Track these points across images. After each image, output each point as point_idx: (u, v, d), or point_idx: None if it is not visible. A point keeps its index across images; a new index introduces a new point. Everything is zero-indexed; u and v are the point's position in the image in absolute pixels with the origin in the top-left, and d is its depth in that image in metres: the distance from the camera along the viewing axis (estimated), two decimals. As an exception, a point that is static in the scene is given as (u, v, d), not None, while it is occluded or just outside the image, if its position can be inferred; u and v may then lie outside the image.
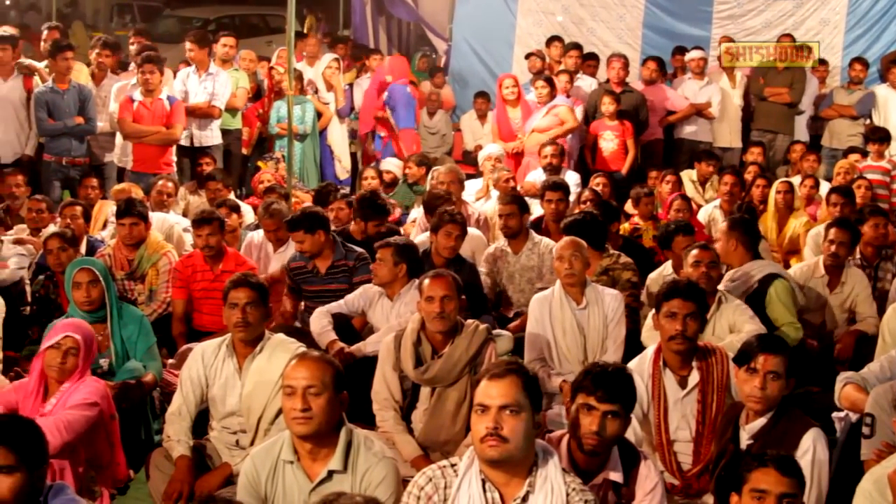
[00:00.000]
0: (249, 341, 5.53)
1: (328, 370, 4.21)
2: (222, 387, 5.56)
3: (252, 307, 5.49)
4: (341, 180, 12.49)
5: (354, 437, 4.27)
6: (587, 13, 14.85)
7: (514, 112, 12.21)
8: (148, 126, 10.48)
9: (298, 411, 4.11)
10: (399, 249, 6.92)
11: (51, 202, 9.42)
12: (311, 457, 4.23)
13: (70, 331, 5.32)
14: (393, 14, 17.39)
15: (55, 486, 3.87)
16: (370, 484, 4.18)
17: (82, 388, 5.30)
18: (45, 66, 11.21)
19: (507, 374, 3.79)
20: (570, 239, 6.82)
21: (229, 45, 11.91)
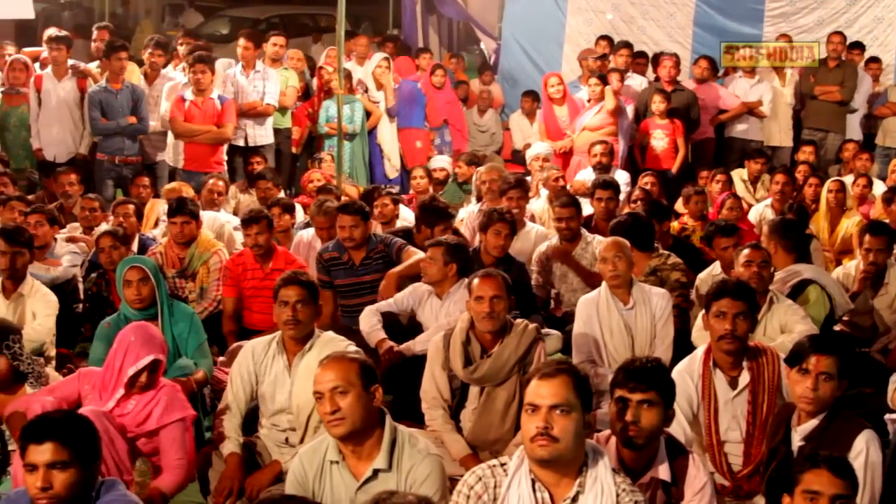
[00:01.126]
0: (299, 339, 5.55)
1: (352, 367, 4.23)
2: (272, 384, 5.58)
3: (302, 305, 5.51)
4: (391, 179, 12.50)
5: (399, 435, 4.28)
6: (637, 11, 14.77)
7: (560, 110, 12.17)
8: (199, 125, 10.55)
9: (329, 414, 4.14)
10: (450, 249, 6.94)
11: (103, 201, 9.50)
12: (355, 456, 4.25)
13: (152, 352, 5.30)
14: (442, 13, 17.39)
15: (107, 481, 3.91)
16: (415, 481, 4.18)
17: (170, 404, 5.30)
18: (97, 66, 11.33)
19: (558, 373, 3.78)
20: (613, 240, 6.80)
21: (279, 45, 11.97)
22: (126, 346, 5.31)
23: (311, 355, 5.49)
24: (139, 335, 5.37)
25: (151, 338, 5.37)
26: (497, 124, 14.09)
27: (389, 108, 12.57)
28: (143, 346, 5.28)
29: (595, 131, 11.44)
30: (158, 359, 5.31)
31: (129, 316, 6.30)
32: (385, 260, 7.73)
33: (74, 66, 11.03)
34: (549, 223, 9.57)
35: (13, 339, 5.60)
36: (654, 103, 11.75)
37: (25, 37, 14.10)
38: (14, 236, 6.98)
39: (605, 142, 10.84)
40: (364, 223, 7.69)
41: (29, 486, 3.74)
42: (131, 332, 5.42)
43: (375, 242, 7.77)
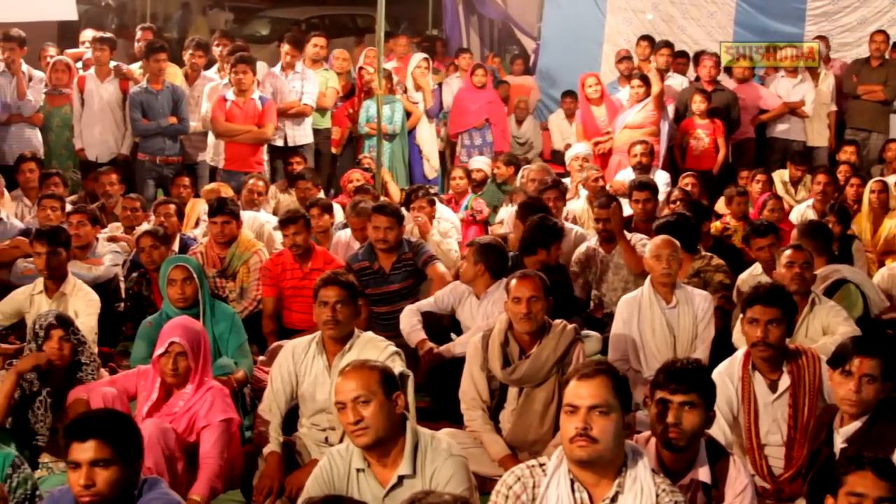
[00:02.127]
0: (339, 339, 5.57)
1: (373, 376, 4.22)
2: (312, 384, 5.59)
3: (342, 305, 5.53)
4: (430, 179, 12.51)
5: (421, 439, 4.29)
6: (677, 11, 14.69)
7: (598, 111, 12.15)
8: (240, 125, 10.60)
9: (352, 424, 4.15)
10: (479, 249, 6.98)
11: (144, 201, 9.57)
12: (380, 463, 4.26)
13: (176, 335, 5.29)
14: (483, 14, 17.39)
15: (149, 479, 3.93)
16: (438, 483, 4.18)
17: (216, 404, 5.29)
18: (139, 67, 11.41)
19: (597, 374, 3.76)
20: (667, 238, 6.77)
21: (320, 46, 12.02)
22: (163, 338, 5.37)
23: (351, 355, 5.50)
24: (170, 324, 5.45)
25: (184, 328, 5.39)
26: (535, 131, 14.08)
27: (428, 109, 12.58)
28: (170, 333, 5.32)
29: (636, 130, 11.39)
30: (179, 343, 5.27)
31: (171, 315, 6.34)
32: (412, 268, 7.75)
33: (117, 68, 11.11)
34: (589, 223, 9.56)
35: (76, 329, 5.80)
36: (695, 103, 11.69)
37: (68, 38, 14.25)
38: (48, 236, 7.03)
39: (646, 142, 10.80)
40: (398, 226, 7.74)
41: (72, 484, 3.77)
42: (170, 324, 5.49)
43: (405, 248, 7.79)
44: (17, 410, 5.50)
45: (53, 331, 5.71)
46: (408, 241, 7.91)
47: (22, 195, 9.97)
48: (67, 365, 5.74)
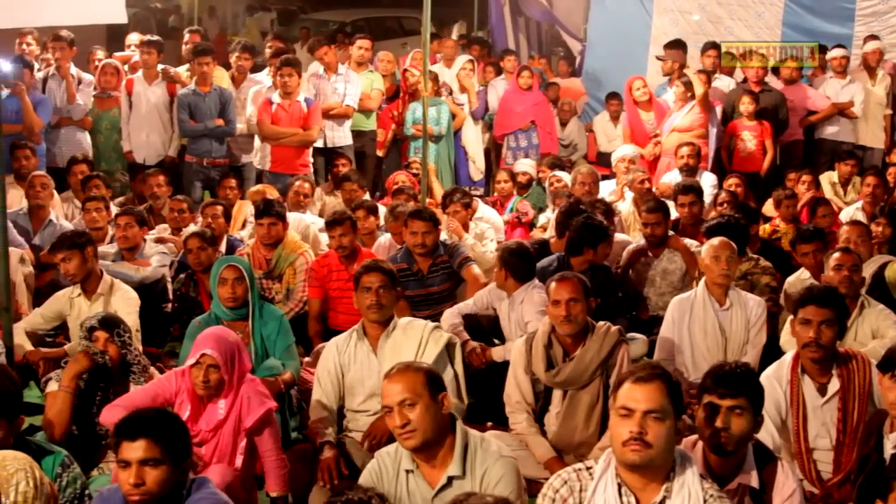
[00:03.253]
0: (381, 323, 5.67)
1: (418, 378, 4.23)
2: (359, 370, 5.67)
3: (384, 290, 5.67)
4: (475, 181, 12.52)
5: (471, 440, 4.29)
6: (725, 11, 14.57)
7: (646, 114, 12.09)
8: (285, 128, 10.65)
9: (399, 428, 4.15)
10: (501, 254, 7.05)
11: (192, 202, 9.64)
12: (429, 464, 4.26)
13: (209, 346, 5.17)
14: (529, 15, 17.37)
15: (197, 479, 3.96)
16: (489, 484, 4.18)
17: (252, 401, 5.22)
18: (187, 70, 11.49)
19: (653, 378, 3.73)
20: (726, 240, 6.75)
21: (365, 48, 12.07)
22: (196, 348, 5.30)
23: (395, 335, 5.65)
24: (204, 334, 5.37)
25: (216, 339, 5.27)
26: (580, 133, 14.02)
27: (474, 111, 12.57)
28: (202, 345, 5.24)
29: (684, 133, 11.33)
30: (211, 355, 5.15)
31: (220, 315, 6.39)
32: (449, 270, 7.76)
33: (164, 71, 11.20)
34: (635, 226, 9.52)
35: (122, 329, 5.79)
36: (743, 104, 11.60)
37: (115, 41, 14.38)
38: (59, 245, 7.08)
39: (692, 143, 10.74)
40: (435, 230, 7.79)
41: (122, 482, 3.80)
42: (204, 335, 5.39)
43: (441, 250, 7.81)
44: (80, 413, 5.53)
45: (97, 333, 5.73)
46: (444, 243, 7.94)
47: (72, 197, 10.09)
48: (119, 365, 5.76)
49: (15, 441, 4.26)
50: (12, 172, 9.56)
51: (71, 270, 7.00)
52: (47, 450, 4.38)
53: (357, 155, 11.71)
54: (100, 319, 5.81)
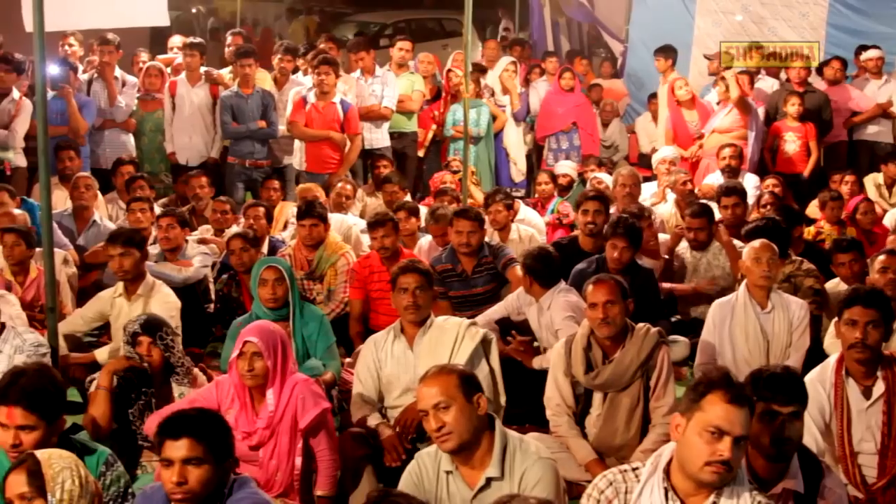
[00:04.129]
0: (418, 322, 5.72)
1: (451, 380, 4.21)
2: (395, 365, 5.71)
3: (420, 290, 5.71)
4: (516, 183, 12.51)
5: (509, 441, 4.27)
6: (768, 12, 14.45)
7: (690, 115, 12.05)
8: (319, 129, 10.68)
9: (435, 431, 4.14)
10: (525, 259, 7.06)
11: (234, 203, 9.70)
12: (468, 465, 4.25)
13: (250, 335, 5.16)
14: (570, 16, 17.33)
15: (239, 479, 3.98)
16: (527, 486, 4.17)
17: (307, 400, 5.19)
18: (230, 72, 11.56)
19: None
20: (767, 242, 6.71)
21: (405, 49, 12.08)
22: (238, 340, 5.28)
23: (432, 332, 5.68)
24: (246, 328, 5.35)
25: (258, 329, 5.26)
26: (622, 135, 13.99)
27: (515, 112, 12.56)
28: (244, 335, 5.22)
29: (725, 134, 11.27)
30: (252, 341, 5.11)
31: (261, 316, 6.41)
32: (493, 271, 7.76)
33: (207, 73, 11.28)
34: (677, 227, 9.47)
35: (165, 332, 5.78)
36: (789, 105, 11.51)
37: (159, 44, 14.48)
38: (122, 238, 7.12)
39: (734, 145, 10.69)
40: (480, 230, 7.78)
41: (164, 481, 3.82)
42: (245, 327, 5.39)
43: (486, 251, 7.80)
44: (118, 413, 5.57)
45: (140, 337, 5.74)
46: (488, 244, 7.93)
47: (117, 198, 10.19)
48: (163, 367, 5.79)
49: (59, 440, 4.30)
50: (57, 174, 9.65)
51: (125, 266, 7.01)
52: (91, 448, 4.41)
53: (398, 156, 11.73)
54: (142, 324, 5.80)
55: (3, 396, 4.24)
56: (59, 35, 11.40)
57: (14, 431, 4.21)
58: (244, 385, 5.16)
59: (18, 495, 3.72)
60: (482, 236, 7.81)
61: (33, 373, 4.34)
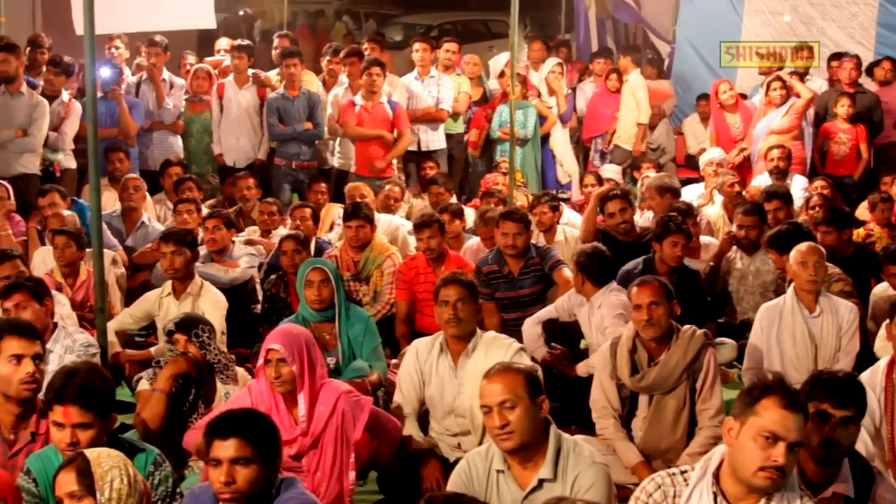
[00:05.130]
0: (461, 337, 5.61)
1: (519, 380, 4.18)
2: (439, 385, 5.66)
3: (463, 304, 5.58)
4: (563, 184, 12.47)
5: (563, 444, 4.24)
6: (817, 12, 14.30)
7: (733, 118, 11.96)
8: (369, 129, 10.69)
9: (497, 429, 4.11)
10: (578, 256, 7.03)
11: (281, 205, 9.74)
12: (521, 466, 4.22)
13: (272, 342, 5.14)
14: (616, 17, 17.26)
15: (286, 479, 3.99)
16: (579, 489, 4.14)
17: (357, 413, 5.19)
18: (277, 74, 11.62)
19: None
20: (814, 245, 6.67)
21: (452, 51, 12.07)
22: (262, 348, 5.27)
23: (477, 355, 5.56)
24: (276, 332, 5.31)
25: (281, 334, 5.24)
26: (668, 137, 13.92)
27: (562, 114, 12.52)
28: (267, 342, 5.20)
29: (783, 135, 11.18)
30: (274, 348, 5.09)
31: (307, 317, 6.46)
32: (540, 273, 7.74)
33: (255, 75, 11.35)
34: (724, 229, 9.42)
35: (202, 329, 5.76)
36: (839, 106, 11.40)
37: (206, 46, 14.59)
38: (174, 238, 7.20)
39: (783, 146, 10.60)
40: (527, 231, 7.75)
41: (213, 481, 3.85)
42: (270, 333, 5.36)
43: (533, 253, 7.78)
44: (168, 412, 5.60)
45: (176, 336, 5.75)
46: (535, 245, 7.91)
47: (165, 199, 10.27)
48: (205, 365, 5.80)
49: (108, 439, 4.34)
50: (106, 175, 9.75)
51: (176, 265, 7.12)
52: (140, 448, 4.44)
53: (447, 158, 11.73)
54: (177, 322, 5.81)
55: (58, 396, 4.27)
56: (106, 38, 11.51)
57: (70, 430, 4.24)
58: (275, 392, 5.18)
59: (68, 494, 3.76)
60: (528, 238, 7.79)
61: (85, 371, 4.38)
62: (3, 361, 4.74)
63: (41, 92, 10.09)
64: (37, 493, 4.30)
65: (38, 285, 6.12)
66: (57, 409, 4.27)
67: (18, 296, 5.92)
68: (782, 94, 11.31)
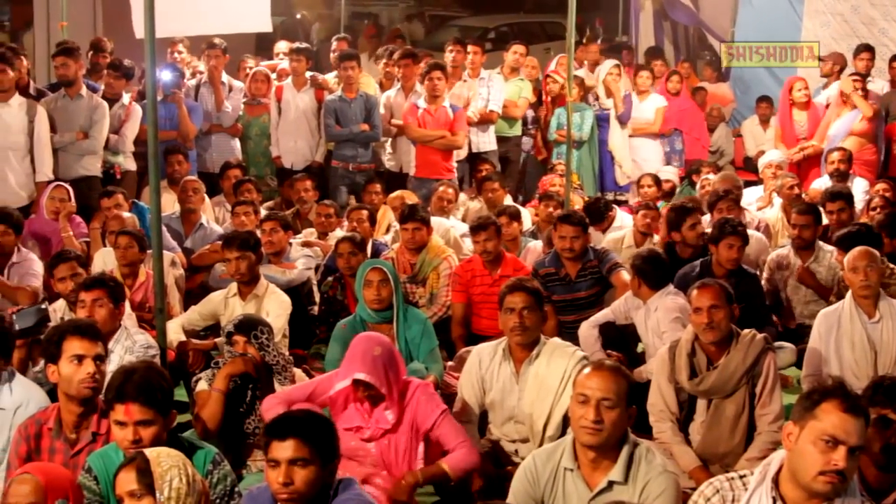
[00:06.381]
0: (526, 345, 5.58)
1: (622, 383, 4.17)
2: (500, 391, 5.63)
3: (528, 311, 5.54)
4: (621, 186, 12.41)
5: (637, 449, 4.22)
6: (878, 13, 14.16)
7: (800, 115, 11.87)
8: (433, 131, 10.69)
9: (590, 422, 4.08)
10: (634, 260, 7.00)
11: (338, 207, 9.78)
12: (592, 465, 4.20)
13: (360, 370, 5.11)
14: (675, 19, 17.17)
15: (344, 480, 4.00)
16: (649, 496, 4.12)
17: (429, 403, 5.22)
18: (334, 77, 11.67)
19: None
20: (865, 249, 6.54)
21: (520, 53, 12.07)
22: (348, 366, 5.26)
23: (540, 363, 5.54)
24: (356, 354, 5.25)
25: (364, 356, 5.18)
26: (728, 139, 13.83)
27: (620, 115, 12.46)
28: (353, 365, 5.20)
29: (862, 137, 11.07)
30: (361, 379, 5.10)
31: (365, 318, 6.49)
32: (598, 275, 7.70)
33: (313, 77, 11.40)
34: (783, 232, 9.34)
35: (261, 330, 5.80)
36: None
37: (264, 49, 14.70)
38: (239, 242, 7.25)
39: (843, 149, 10.50)
40: (584, 234, 7.71)
41: (271, 481, 3.87)
42: (354, 350, 5.29)
43: (591, 255, 7.75)
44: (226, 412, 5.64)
45: (235, 336, 5.79)
46: (593, 248, 7.88)
47: (223, 201, 10.35)
48: (263, 366, 5.84)
49: (168, 437, 4.38)
50: (166, 177, 9.84)
51: (241, 269, 7.19)
52: (198, 446, 4.47)
53: (501, 160, 11.71)
54: (236, 324, 5.85)
55: (119, 394, 4.32)
56: (168, 42, 11.62)
57: (133, 427, 4.29)
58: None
59: (128, 492, 3.80)
60: (586, 241, 7.76)
61: (144, 370, 4.43)
62: (65, 361, 4.81)
63: (102, 95, 10.21)
64: (98, 492, 4.36)
65: (118, 288, 6.21)
66: (118, 408, 4.32)
67: (100, 292, 6.02)
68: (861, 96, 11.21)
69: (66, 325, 5.05)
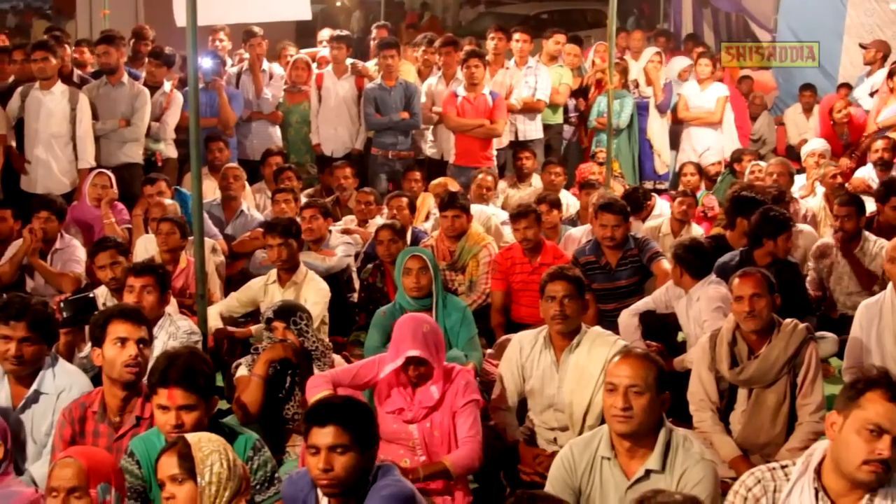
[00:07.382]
0: (567, 334, 5.57)
1: (652, 370, 4.15)
2: (540, 379, 5.62)
3: (569, 300, 5.53)
4: (660, 175, 12.36)
5: (673, 437, 4.20)
6: (924, 0, 14.04)
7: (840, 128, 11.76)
8: (471, 119, 10.69)
9: (619, 409, 4.08)
10: (676, 249, 6.96)
11: (377, 194, 9.80)
12: (629, 454, 4.20)
13: (412, 347, 5.11)
14: (717, 6, 17.06)
15: (383, 466, 4.03)
16: (686, 484, 4.10)
17: (468, 388, 5.22)
18: (374, 65, 11.68)
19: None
20: None
21: (560, 42, 12.06)
22: (398, 346, 5.27)
23: (581, 351, 5.53)
24: (405, 334, 5.25)
25: (414, 333, 5.20)
26: (770, 128, 13.72)
27: (659, 104, 12.40)
28: (403, 342, 5.20)
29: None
30: (413, 356, 5.11)
31: (404, 305, 6.49)
32: (638, 264, 7.67)
33: (353, 65, 11.43)
34: (826, 221, 9.26)
35: (300, 317, 5.82)
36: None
37: (304, 37, 14.73)
38: (280, 229, 7.29)
39: (888, 137, 10.39)
40: (625, 223, 7.69)
41: (311, 467, 3.89)
42: (401, 330, 5.30)
43: (631, 244, 7.73)
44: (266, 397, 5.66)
45: (275, 322, 5.80)
46: (633, 237, 7.85)
47: (264, 188, 10.40)
48: (302, 353, 5.86)
49: (209, 423, 4.41)
50: (207, 164, 9.89)
51: (283, 256, 7.24)
52: (239, 432, 4.51)
53: (544, 148, 11.70)
54: (275, 310, 5.87)
55: (162, 379, 4.36)
56: (208, 30, 11.67)
57: (175, 412, 4.33)
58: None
59: (170, 477, 3.83)
60: (627, 229, 7.73)
61: (186, 355, 4.47)
62: (109, 344, 4.86)
63: (143, 83, 10.28)
64: (140, 475, 4.41)
65: (166, 276, 6.30)
66: (161, 392, 4.36)
67: (149, 278, 6.09)
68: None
69: (112, 308, 5.12)
